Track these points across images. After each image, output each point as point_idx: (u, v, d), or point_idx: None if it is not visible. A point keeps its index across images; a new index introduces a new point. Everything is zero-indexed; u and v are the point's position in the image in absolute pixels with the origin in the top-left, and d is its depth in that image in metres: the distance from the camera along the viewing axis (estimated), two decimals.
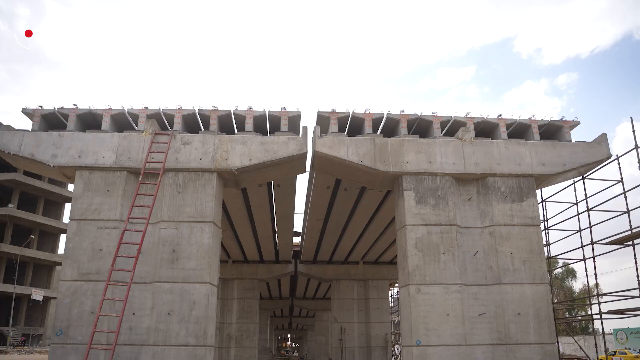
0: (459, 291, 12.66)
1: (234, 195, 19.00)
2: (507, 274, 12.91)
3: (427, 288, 12.62)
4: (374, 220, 22.50)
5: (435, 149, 13.67)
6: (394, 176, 13.64)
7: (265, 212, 21.45)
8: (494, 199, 13.48)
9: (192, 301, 12.15)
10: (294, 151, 13.28)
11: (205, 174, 13.11)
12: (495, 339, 12.64)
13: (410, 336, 12.42)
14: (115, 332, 10.64)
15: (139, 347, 12.07)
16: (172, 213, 12.78)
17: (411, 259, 12.81)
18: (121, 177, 13.10)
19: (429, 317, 12.41)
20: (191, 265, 12.39)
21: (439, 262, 12.82)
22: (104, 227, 12.67)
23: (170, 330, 11.96)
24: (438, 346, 12.23)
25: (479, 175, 13.66)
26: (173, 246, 12.51)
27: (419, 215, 13.17)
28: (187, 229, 12.65)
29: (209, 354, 12.09)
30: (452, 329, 12.38)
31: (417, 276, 12.69)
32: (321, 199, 19.59)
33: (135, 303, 12.34)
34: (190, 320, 12.03)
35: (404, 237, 13.16)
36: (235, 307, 31.73)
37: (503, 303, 12.72)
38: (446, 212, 13.24)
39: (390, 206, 20.01)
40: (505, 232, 13.22)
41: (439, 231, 13.06)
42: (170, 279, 12.29)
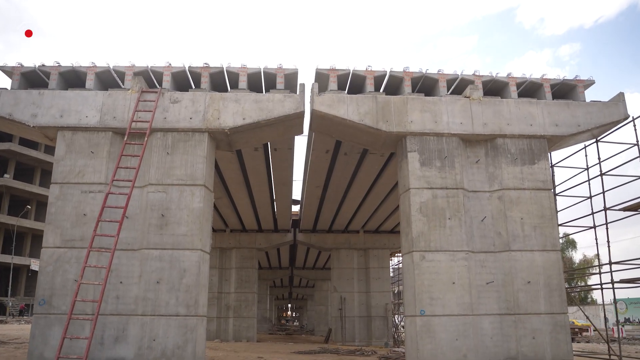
0: (465, 258, 11.94)
1: (228, 160, 18.21)
2: (516, 240, 12.18)
3: (432, 255, 11.90)
4: (375, 187, 21.74)
5: (442, 108, 12.81)
6: (397, 137, 12.80)
7: (263, 179, 20.66)
8: (503, 161, 12.67)
9: (183, 269, 11.44)
10: (291, 110, 12.42)
11: (196, 134, 12.28)
12: (503, 309, 11.97)
13: (413, 306, 11.74)
14: (98, 302, 9.94)
15: (127, 317, 11.41)
16: (161, 176, 11.99)
17: (415, 224, 12.06)
18: (106, 138, 12.27)
19: (433, 286, 11.72)
20: (181, 231, 11.65)
21: (444, 228, 12.07)
22: (88, 190, 11.89)
23: (159, 299, 11.28)
24: (443, 316, 11.56)
25: (488, 136, 12.83)
26: (162, 211, 11.75)
27: (423, 178, 12.37)
28: (177, 193, 11.88)
29: (200, 324, 11.44)
30: (458, 298, 11.70)
31: (422, 242, 11.96)
32: (320, 164, 18.79)
33: (122, 271, 11.65)
34: (181, 289, 11.34)
35: (407, 201, 12.39)
36: (234, 276, 31.20)
37: (512, 271, 12.02)
38: (452, 175, 12.43)
39: (392, 172, 19.26)
40: (515, 197, 12.45)
41: (445, 195, 12.29)
42: (159, 245, 11.56)
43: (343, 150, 17.27)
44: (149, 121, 11.91)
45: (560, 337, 11.79)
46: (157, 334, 11.09)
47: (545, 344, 11.70)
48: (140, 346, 11.06)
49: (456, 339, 11.45)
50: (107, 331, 11.33)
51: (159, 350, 11.00)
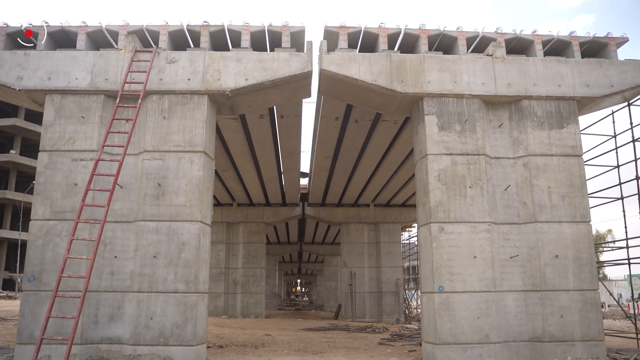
0: (487, 230, 10.99)
1: (233, 129, 17.29)
2: (543, 211, 11.20)
3: (452, 227, 10.96)
4: (386, 158, 20.77)
5: (462, 67, 11.74)
6: (413, 98, 11.77)
7: (269, 149, 19.72)
8: (529, 125, 11.63)
9: (181, 242, 10.59)
10: (297, 69, 11.40)
11: (195, 97, 11.31)
12: (528, 285, 11.05)
13: (431, 281, 10.84)
14: (86, 278, 9.11)
15: (122, 294, 10.61)
16: (157, 142, 11.07)
17: (433, 193, 11.10)
18: (98, 102, 11.34)
19: (453, 260, 10.80)
20: (179, 202, 10.77)
21: (465, 197, 11.11)
22: (79, 158, 11.00)
23: (156, 275, 10.46)
24: (463, 292, 10.66)
25: (512, 97, 11.77)
26: (158, 180, 10.85)
27: (442, 144, 11.37)
28: (174, 160, 10.97)
29: (201, 301, 10.62)
30: (480, 274, 10.78)
31: (440, 213, 11.01)
32: (329, 132, 17.81)
33: (117, 245, 10.82)
34: (179, 264, 10.50)
35: (424, 168, 11.41)
36: (241, 251, 30.50)
37: (538, 244, 11.06)
38: (474, 140, 11.42)
39: (405, 141, 18.29)
40: (541, 163, 11.43)
41: (466, 162, 11.29)
42: (156, 217, 10.70)
43: (354, 117, 16.28)
44: (143, 82, 10.95)
45: (590, 315, 10.88)
46: (155, 312, 10.29)
47: (574, 323, 10.80)
48: (136, 325, 10.28)
49: (477, 317, 10.57)
50: (101, 309, 10.55)
51: (157, 330, 10.21)
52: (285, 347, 14.49)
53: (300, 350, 13.69)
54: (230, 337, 16.51)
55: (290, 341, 15.99)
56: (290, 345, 14.81)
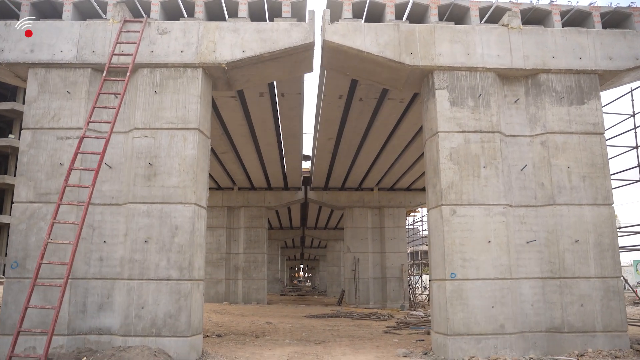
0: (503, 213, 10.25)
1: (231, 109, 16.52)
2: (562, 192, 10.44)
3: (464, 209, 10.21)
4: (391, 140, 19.97)
5: (475, 38, 10.92)
6: (423, 72, 10.96)
7: (270, 130, 18.93)
8: (547, 100, 10.83)
9: (174, 226, 9.87)
10: (299, 40, 10.58)
11: (188, 70, 10.52)
12: (546, 272, 10.33)
13: (442, 268, 10.12)
14: (68, 264, 8.39)
15: (112, 281, 9.92)
16: (148, 119, 10.31)
17: (445, 173, 10.34)
18: (84, 76, 10.57)
19: (466, 245, 10.06)
20: (172, 182, 10.03)
21: (478, 178, 10.34)
22: (65, 136, 10.26)
23: (147, 261, 9.75)
24: (477, 280, 9.94)
25: (529, 71, 10.96)
26: (149, 159, 10.11)
27: (454, 120, 10.59)
28: (167, 138, 10.21)
29: (196, 290, 9.92)
30: (495, 260, 10.05)
31: (452, 195, 10.25)
32: (333, 112, 17.01)
33: (106, 229, 10.12)
34: (172, 249, 9.79)
35: (435, 147, 10.63)
36: (242, 236, 29.83)
37: (557, 228, 10.32)
38: (488, 117, 10.64)
39: (411, 122, 17.52)
40: (560, 142, 10.66)
41: (479, 139, 10.52)
42: (147, 199, 9.97)
43: (358, 95, 15.47)
44: (133, 54, 10.16)
45: (612, 304, 10.16)
46: (146, 301, 9.60)
47: (596, 312, 10.08)
48: (127, 315, 9.59)
49: (492, 306, 9.86)
50: (90, 297, 9.87)
51: (149, 320, 9.53)
52: (287, 335, 13.85)
53: (303, 340, 13.04)
54: (229, 325, 15.89)
55: (292, 329, 15.35)
56: (292, 334, 14.16)
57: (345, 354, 10.68)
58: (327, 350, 11.16)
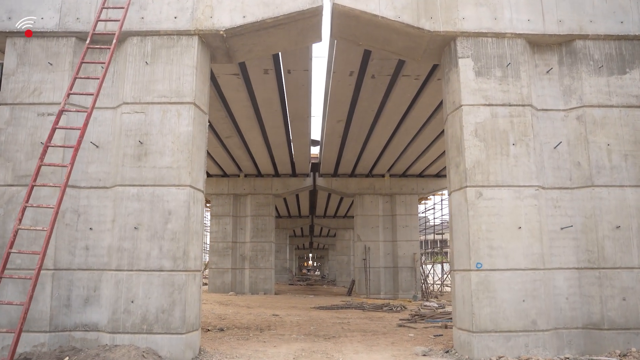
0: (534, 196, 9.13)
1: (235, 87, 15.47)
2: (601, 173, 9.31)
3: (492, 191, 9.11)
4: (405, 122, 18.88)
5: (502, 1, 9.76)
6: (445, 39, 9.81)
7: (276, 111, 17.87)
8: (583, 70, 9.67)
9: (167, 211, 8.85)
10: (305, 4, 9.44)
11: (183, 39, 9.44)
12: (583, 262, 9.22)
13: (467, 257, 9.04)
14: (40, 254, 7.37)
15: (99, 272, 8.93)
16: (138, 92, 9.25)
17: (469, 151, 9.23)
18: (68, 46, 9.52)
19: (493, 232, 8.97)
20: (165, 163, 9.00)
21: (507, 157, 9.23)
22: (47, 113, 9.22)
23: (138, 250, 8.74)
24: (506, 270, 8.85)
25: (564, 37, 9.78)
26: (140, 137, 9.07)
27: (479, 92, 9.46)
28: (159, 114, 9.16)
29: (192, 281, 8.91)
30: (526, 248, 8.95)
31: (478, 175, 9.15)
32: (343, 91, 15.92)
33: (92, 215, 9.11)
34: (165, 237, 8.77)
35: (458, 122, 9.51)
36: (249, 225, 28.91)
37: (595, 213, 9.20)
38: (517, 88, 9.50)
39: (426, 102, 16.45)
40: (599, 116, 9.50)
41: (508, 114, 9.39)
42: (137, 181, 8.94)
43: (370, 71, 14.37)
44: (120, 20, 9.09)
45: None
46: (136, 295, 8.61)
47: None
48: (115, 310, 8.60)
49: (523, 299, 8.78)
50: (74, 290, 8.89)
51: (139, 315, 8.53)
52: (294, 330, 12.86)
53: (311, 334, 12.04)
54: (233, 318, 14.93)
55: (300, 322, 14.36)
56: (299, 328, 13.17)
57: (357, 352, 9.66)
58: (338, 348, 10.15)
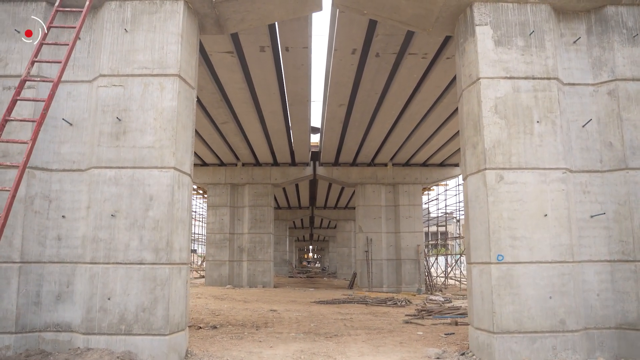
0: (562, 180, 8.13)
1: (229, 67, 14.43)
2: (637, 154, 8.28)
3: (514, 174, 8.10)
4: (410, 106, 17.84)
5: None
6: (459, 5, 8.74)
7: (274, 94, 16.83)
8: (615, 40, 8.63)
9: (148, 196, 7.85)
10: None
11: (167, 3, 8.39)
12: (616, 253, 8.22)
13: (486, 248, 8.04)
14: None
15: (73, 265, 7.95)
16: (117, 63, 8.23)
17: (488, 129, 8.21)
18: (38, 12, 8.48)
19: (516, 220, 7.97)
20: (146, 142, 7.99)
21: (531, 136, 8.22)
22: (13, 86, 8.18)
23: (115, 240, 7.75)
24: (530, 263, 7.86)
25: (593, 2, 8.72)
26: (118, 113, 8.06)
27: (499, 64, 8.42)
28: (139, 87, 8.14)
29: (176, 275, 7.92)
30: (552, 238, 7.96)
31: (499, 156, 8.14)
32: (345, 71, 14.87)
33: (65, 201, 8.12)
34: (146, 226, 7.78)
35: (476, 97, 8.49)
36: (247, 215, 27.93)
37: (630, 199, 8.19)
38: (542, 60, 8.47)
39: (433, 84, 15.46)
40: (634, 91, 8.47)
41: (532, 88, 8.36)
42: (115, 162, 7.95)
43: (374, 49, 13.32)
44: None
45: None
46: (114, 291, 7.62)
47: None
48: (89, 308, 7.62)
49: (549, 296, 7.80)
50: (45, 286, 7.91)
51: (116, 314, 7.55)
52: (293, 327, 11.89)
53: (311, 333, 11.08)
54: (228, 314, 13.96)
55: (299, 319, 13.39)
56: (298, 325, 12.20)
57: (363, 354, 8.69)
58: (341, 349, 9.18)
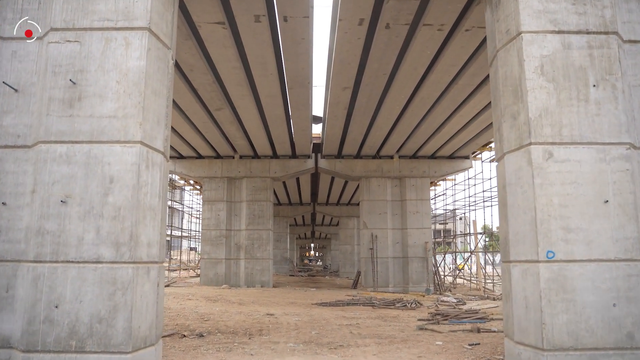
0: (626, 158, 6.52)
1: (221, 42, 12.86)
2: None
3: (566, 151, 6.49)
4: (421, 89, 16.25)
5: None
6: None
7: (272, 74, 15.21)
8: None
9: (108, 177, 6.27)
10: None
11: None
12: None
13: (531, 243, 6.44)
14: None
15: (13, 265, 6.37)
16: (72, 14, 6.65)
17: (533, 95, 6.60)
18: None
19: (569, 207, 6.37)
20: (106, 110, 6.40)
21: (586, 103, 6.61)
22: None
23: (66, 232, 6.17)
24: (589, 262, 6.26)
25: None
26: (72, 75, 6.47)
27: (545, 15, 6.82)
28: (100, 43, 6.56)
29: (143, 276, 6.33)
30: (615, 230, 6.35)
31: (546, 128, 6.53)
32: (350, 47, 13.26)
33: (7, 184, 6.55)
34: (104, 214, 6.19)
35: (517, 56, 6.88)
36: (245, 211, 26.33)
37: None
38: (598, 10, 6.87)
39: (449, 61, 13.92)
40: None
41: (585, 44, 6.77)
42: (67, 136, 6.36)
43: (384, 19, 11.71)
44: None
45: None
46: (62, 296, 6.04)
47: None
48: (32, 318, 6.03)
49: (613, 303, 6.19)
50: None
51: (66, 326, 5.97)
52: (291, 335, 10.31)
53: (312, 342, 9.49)
54: (219, 319, 12.37)
55: (299, 325, 11.81)
56: (297, 333, 10.62)
57: None
58: None
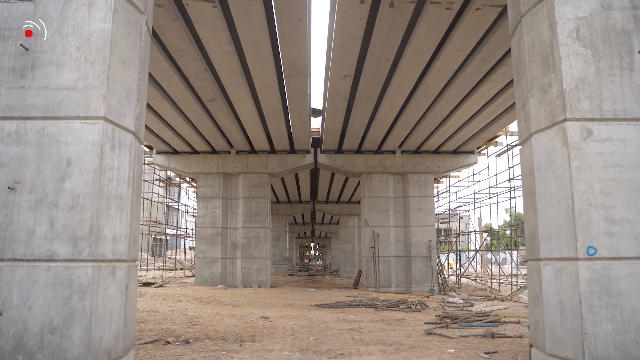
0: None
1: (211, 23, 11.94)
2: None
3: (609, 128, 5.49)
4: (426, 78, 15.33)
5: None
6: None
7: (267, 61, 14.22)
8: None
9: (65, 160, 5.27)
10: None
11: None
12: None
13: (567, 237, 5.44)
14: None
15: None
16: None
17: (568, 62, 5.61)
18: None
19: (613, 195, 5.37)
20: (64, 80, 5.40)
21: (631, 72, 5.61)
22: None
23: (13, 225, 5.16)
24: (637, 260, 5.26)
25: None
26: (25, 39, 5.49)
27: None
28: (57, 3, 5.53)
29: (107, 277, 5.34)
30: None
31: (584, 101, 5.54)
32: (351, 29, 12.28)
33: None
34: (60, 203, 5.19)
35: (546, 19, 5.88)
36: (241, 208, 25.39)
37: None
38: None
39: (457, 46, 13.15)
40: None
41: (629, 4, 5.76)
42: (17, 110, 5.36)
43: None
44: None
45: None
46: (8, 301, 5.03)
47: None
48: None
49: None
50: None
51: (11, 337, 4.96)
52: (287, 342, 9.32)
53: (309, 350, 8.51)
54: (208, 324, 11.38)
55: (296, 330, 10.82)
56: (294, 339, 9.63)
57: None
58: None
